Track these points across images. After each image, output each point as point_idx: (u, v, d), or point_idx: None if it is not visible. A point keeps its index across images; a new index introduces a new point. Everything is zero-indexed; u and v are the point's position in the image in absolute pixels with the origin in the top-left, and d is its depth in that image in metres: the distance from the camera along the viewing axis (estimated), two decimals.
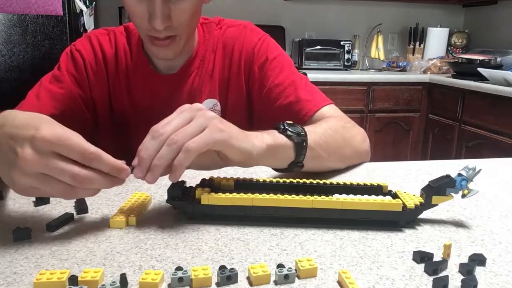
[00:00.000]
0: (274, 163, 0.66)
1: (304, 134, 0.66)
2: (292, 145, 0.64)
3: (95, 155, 0.47)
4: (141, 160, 0.51)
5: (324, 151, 0.71)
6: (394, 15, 3.41)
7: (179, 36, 0.79)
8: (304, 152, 0.66)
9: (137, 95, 0.90)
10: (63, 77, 0.86)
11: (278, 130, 0.65)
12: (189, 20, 0.78)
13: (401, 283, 0.43)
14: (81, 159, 0.47)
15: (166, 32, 0.76)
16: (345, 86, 2.73)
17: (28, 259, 0.46)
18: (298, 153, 0.65)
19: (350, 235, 0.53)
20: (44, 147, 0.46)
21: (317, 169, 0.74)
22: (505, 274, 0.45)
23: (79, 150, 0.47)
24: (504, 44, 3.01)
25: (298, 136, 0.64)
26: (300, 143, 0.64)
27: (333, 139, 0.74)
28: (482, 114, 2.42)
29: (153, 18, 0.73)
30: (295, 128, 0.66)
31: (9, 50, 2.16)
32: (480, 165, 0.58)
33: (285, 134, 0.64)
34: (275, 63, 0.90)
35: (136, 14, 0.75)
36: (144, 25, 0.75)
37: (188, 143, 0.51)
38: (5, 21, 2.14)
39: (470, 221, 0.58)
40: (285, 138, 0.64)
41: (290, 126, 0.65)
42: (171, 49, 0.80)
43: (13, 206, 0.60)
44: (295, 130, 0.65)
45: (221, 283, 0.41)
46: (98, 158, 0.48)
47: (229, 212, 0.54)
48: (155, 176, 0.51)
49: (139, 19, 0.75)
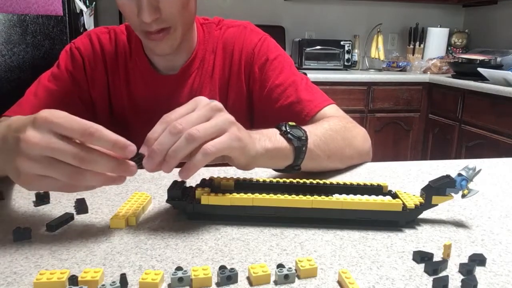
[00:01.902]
0: (272, 165, 0.66)
1: (304, 139, 0.65)
2: (292, 149, 0.64)
3: (95, 129, 0.45)
4: (154, 153, 0.49)
5: (323, 152, 0.71)
6: (394, 15, 3.41)
7: (173, 28, 0.78)
8: (303, 156, 0.65)
9: (136, 95, 0.89)
10: (62, 75, 0.86)
11: (279, 131, 0.65)
12: (180, 10, 0.77)
13: (401, 283, 0.43)
14: (82, 136, 0.45)
15: (157, 25, 0.75)
16: (345, 86, 2.74)
17: (28, 259, 0.46)
18: (296, 157, 0.65)
19: (350, 235, 0.53)
20: (45, 126, 0.45)
21: (315, 170, 0.74)
22: (505, 274, 0.45)
23: (79, 127, 0.45)
24: (504, 44, 3.01)
25: (298, 141, 0.64)
26: (299, 147, 0.64)
27: (333, 140, 0.73)
28: (482, 114, 2.42)
29: (141, 11, 0.73)
30: (297, 131, 0.65)
31: (9, 50, 2.16)
32: (480, 165, 0.58)
33: (286, 137, 0.64)
34: (275, 63, 0.90)
35: (126, 10, 0.75)
36: (135, 20, 0.75)
37: (208, 146, 0.50)
38: (5, 21, 2.14)
39: (470, 221, 0.58)
40: (285, 141, 0.63)
41: (292, 129, 0.65)
42: (166, 42, 0.79)
43: (13, 206, 0.60)
44: (296, 134, 0.64)
45: (221, 283, 0.41)
46: (99, 132, 0.46)
47: (229, 212, 0.54)
48: (171, 167, 0.50)
49: (130, 15, 0.75)
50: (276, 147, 0.62)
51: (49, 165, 0.46)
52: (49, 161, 0.45)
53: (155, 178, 0.72)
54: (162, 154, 0.49)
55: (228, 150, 0.52)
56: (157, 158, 0.49)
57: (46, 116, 0.45)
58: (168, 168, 0.50)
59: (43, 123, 0.45)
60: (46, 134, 0.45)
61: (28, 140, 0.45)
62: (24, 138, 0.45)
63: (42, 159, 0.45)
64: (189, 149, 0.50)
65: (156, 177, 0.73)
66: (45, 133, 0.45)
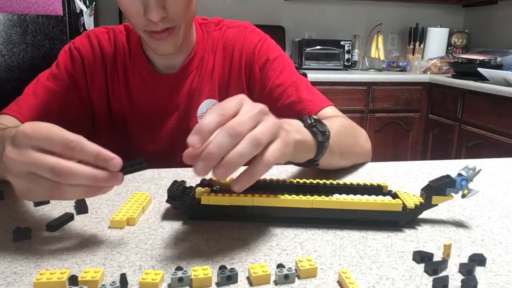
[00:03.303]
0: (295, 158, 0.63)
1: (328, 134, 0.63)
2: (315, 143, 0.62)
3: (76, 142, 0.43)
4: (211, 156, 0.43)
5: (338, 149, 0.70)
6: (394, 15, 3.41)
7: (177, 27, 0.78)
8: (324, 152, 0.64)
9: (135, 95, 0.89)
10: (61, 74, 0.86)
11: (304, 123, 0.62)
12: (185, 10, 0.77)
13: (401, 283, 0.43)
14: (62, 149, 0.43)
15: (163, 24, 0.75)
16: (345, 86, 2.73)
17: (28, 259, 0.46)
18: (318, 152, 0.63)
19: (350, 235, 0.53)
20: (24, 141, 0.44)
21: (327, 167, 0.73)
22: (505, 274, 0.45)
23: (58, 139, 0.43)
24: (504, 44, 3.01)
25: (323, 135, 0.62)
26: (323, 142, 0.62)
27: (346, 137, 0.74)
28: (482, 114, 2.42)
29: (148, 10, 0.72)
30: (321, 125, 0.63)
31: (9, 50, 2.16)
32: (480, 165, 0.58)
33: (311, 130, 0.62)
34: (276, 63, 0.90)
35: (131, 10, 0.74)
36: (140, 20, 0.75)
37: (269, 157, 0.46)
38: (5, 21, 2.14)
39: (470, 221, 0.58)
40: (310, 134, 0.61)
41: (317, 123, 0.63)
42: (170, 41, 0.79)
43: (13, 206, 0.60)
44: (321, 128, 0.62)
45: (221, 283, 0.41)
46: (80, 145, 0.43)
47: (229, 212, 0.54)
48: (229, 173, 0.45)
49: (135, 15, 0.75)
50: (303, 140, 0.59)
51: (31, 180, 0.44)
52: (30, 176, 0.44)
53: (155, 178, 0.72)
54: (221, 157, 0.44)
55: (282, 158, 0.49)
56: (214, 162, 0.44)
57: (24, 131, 0.44)
58: (225, 174, 0.44)
59: (22, 138, 0.44)
60: (25, 150, 0.44)
61: (8, 156, 0.44)
62: (6, 155, 0.44)
63: (25, 175, 0.44)
64: (253, 154, 0.45)
65: (156, 177, 0.73)
66: (24, 149, 0.44)
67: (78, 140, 0.43)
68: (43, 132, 0.44)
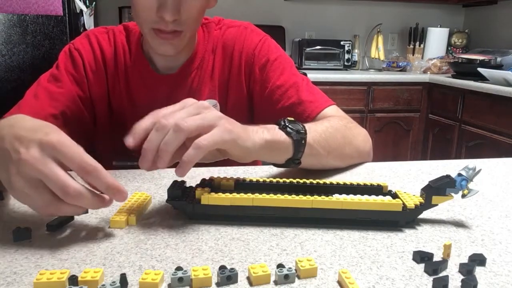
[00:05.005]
0: (271, 158, 0.66)
1: (303, 132, 0.66)
2: (291, 142, 0.64)
3: (94, 168, 0.46)
4: (145, 151, 0.51)
5: (323, 149, 0.71)
6: (394, 15, 3.41)
7: (184, 33, 0.79)
8: (302, 149, 0.66)
9: (136, 95, 0.89)
10: (62, 76, 0.86)
11: (278, 126, 0.65)
12: (196, 17, 0.79)
13: (401, 283, 0.43)
14: (79, 169, 0.46)
15: (173, 26, 0.76)
16: (345, 86, 2.73)
17: (28, 259, 0.46)
18: (296, 150, 0.65)
19: (350, 235, 0.53)
20: (49, 151, 0.46)
21: (315, 167, 0.74)
22: (505, 274, 0.45)
23: (79, 159, 0.46)
24: (504, 44, 3.01)
25: (297, 134, 0.65)
26: (298, 140, 0.65)
27: (333, 137, 0.74)
28: (482, 114, 2.42)
29: (164, 8, 0.73)
30: (295, 125, 0.66)
31: (9, 50, 2.16)
32: (480, 165, 0.58)
33: (285, 130, 0.64)
34: (276, 64, 0.90)
35: (144, 3, 0.75)
36: (151, 16, 0.75)
37: (200, 140, 0.51)
38: (5, 21, 2.14)
39: (470, 221, 0.58)
40: (284, 134, 0.64)
41: (290, 123, 0.65)
42: (173, 44, 0.79)
43: (13, 206, 0.60)
44: (295, 128, 0.65)
45: (221, 283, 0.41)
46: (96, 172, 0.47)
47: (229, 212, 0.54)
48: (166, 162, 0.51)
49: (147, 10, 0.75)
50: (275, 139, 0.62)
51: (34, 186, 0.46)
52: (36, 183, 0.46)
53: (155, 178, 0.72)
54: (153, 151, 0.51)
55: (221, 142, 0.53)
56: (149, 156, 0.51)
57: (51, 141, 0.46)
58: (162, 163, 0.51)
59: (48, 147, 0.46)
60: (46, 158, 0.46)
61: (28, 160, 0.45)
62: (25, 157, 0.45)
63: (31, 179, 0.46)
64: (178, 140, 0.51)
65: (156, 177, 0.73)
66: (45, 157, 0.46)
67: (96, 166, 0.47)
68: (67, 148, 0.46)
